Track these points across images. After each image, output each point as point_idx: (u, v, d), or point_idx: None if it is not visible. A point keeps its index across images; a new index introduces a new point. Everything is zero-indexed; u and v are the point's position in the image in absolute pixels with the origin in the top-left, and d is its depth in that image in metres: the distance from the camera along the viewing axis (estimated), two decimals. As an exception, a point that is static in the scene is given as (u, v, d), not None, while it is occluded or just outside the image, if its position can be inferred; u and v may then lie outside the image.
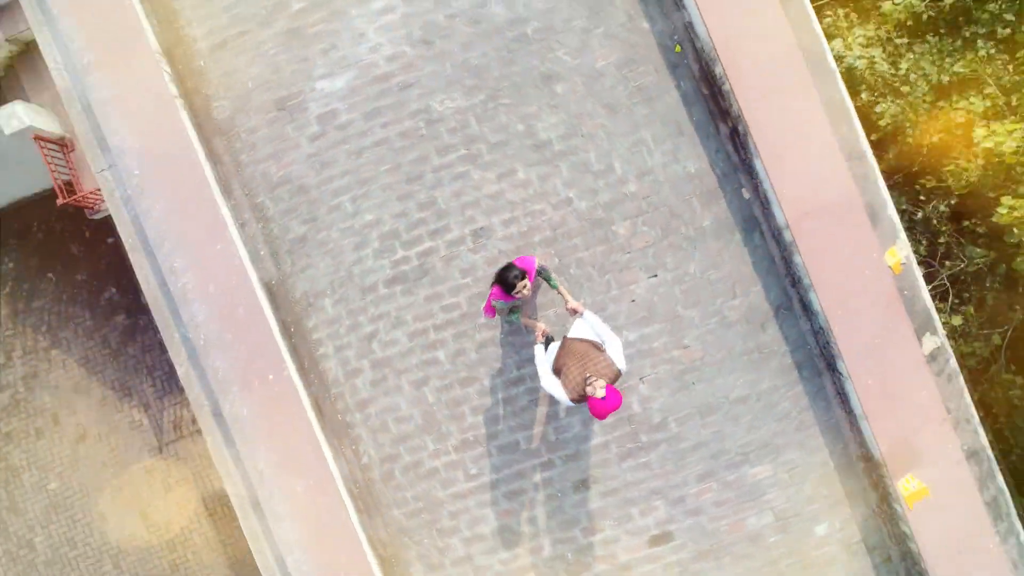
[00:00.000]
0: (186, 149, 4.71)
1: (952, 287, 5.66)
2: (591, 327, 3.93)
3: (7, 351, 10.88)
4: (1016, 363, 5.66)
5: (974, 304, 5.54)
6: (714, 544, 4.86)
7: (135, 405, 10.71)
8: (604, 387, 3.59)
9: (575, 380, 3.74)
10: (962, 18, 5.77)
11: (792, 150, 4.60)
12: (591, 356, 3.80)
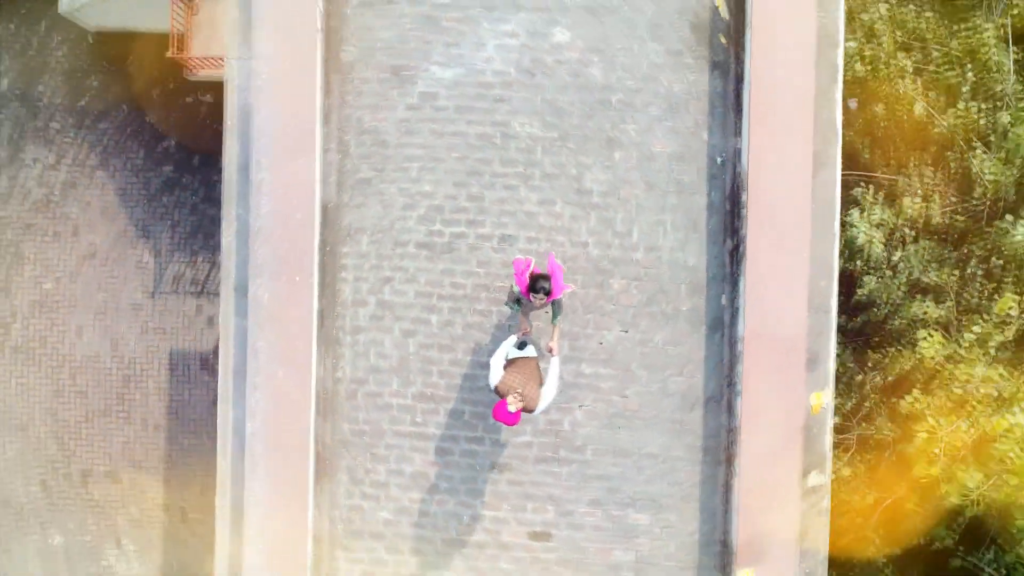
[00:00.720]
0: (309, 73, 5.60)
1: (858, 446, 6.57)
2: (549, 368, 4.85)
3: (59, 155, 11.76)
4: (883, 529, 6.56)
5: (867, 465, 6.46)
6: (580, 559, 5.77)
7: (148, 248, 11.59)
8: (516, 407, 4.48)
9: (509, 384, 4.62)
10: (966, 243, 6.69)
11: (773, 283, 5.52)
12: (531, 383, 4.70)
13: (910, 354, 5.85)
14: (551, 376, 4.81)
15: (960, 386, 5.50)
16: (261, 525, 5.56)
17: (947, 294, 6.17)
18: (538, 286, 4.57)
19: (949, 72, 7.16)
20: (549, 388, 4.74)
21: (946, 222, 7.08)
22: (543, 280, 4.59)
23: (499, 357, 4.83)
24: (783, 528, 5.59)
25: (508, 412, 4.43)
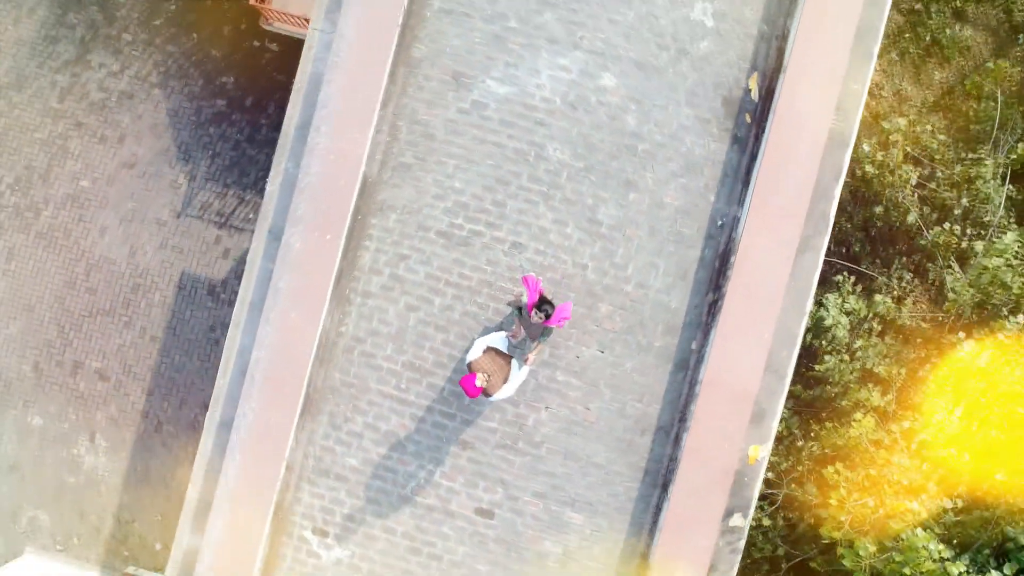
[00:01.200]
0: (381, 60, 6.25)
1: (784, 502, 7.23)
2: (517, 374, 5.64)
3: (124, 65, 12.43)
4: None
5: (787, 521, 7.12)
6: (513, 540, 6.43)
7: (184, 171, 12.25)
8: (481, 384, 5.27)
9: (481, 365, 5.43)
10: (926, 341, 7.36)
11: (740, 340, 6.18)
12: (498, 375, 5.55)
13: (844, 431, 6.51)
14: (515, 379, 5.58)
15: (877, 469, 6.17)
16: (244, 443, 6.21)
17: (892, 388, 6.83)
18: (543, 308, 5.30)
19: (946, 193, 7.83)
20: (509, 387, 5.53)
21: (912, 325, 7.75)
22: (548, 305, 5.32)
23: (484, 341, 5.53)
24: (697, 557, 6.26)
25: (473, 385, 5.20)
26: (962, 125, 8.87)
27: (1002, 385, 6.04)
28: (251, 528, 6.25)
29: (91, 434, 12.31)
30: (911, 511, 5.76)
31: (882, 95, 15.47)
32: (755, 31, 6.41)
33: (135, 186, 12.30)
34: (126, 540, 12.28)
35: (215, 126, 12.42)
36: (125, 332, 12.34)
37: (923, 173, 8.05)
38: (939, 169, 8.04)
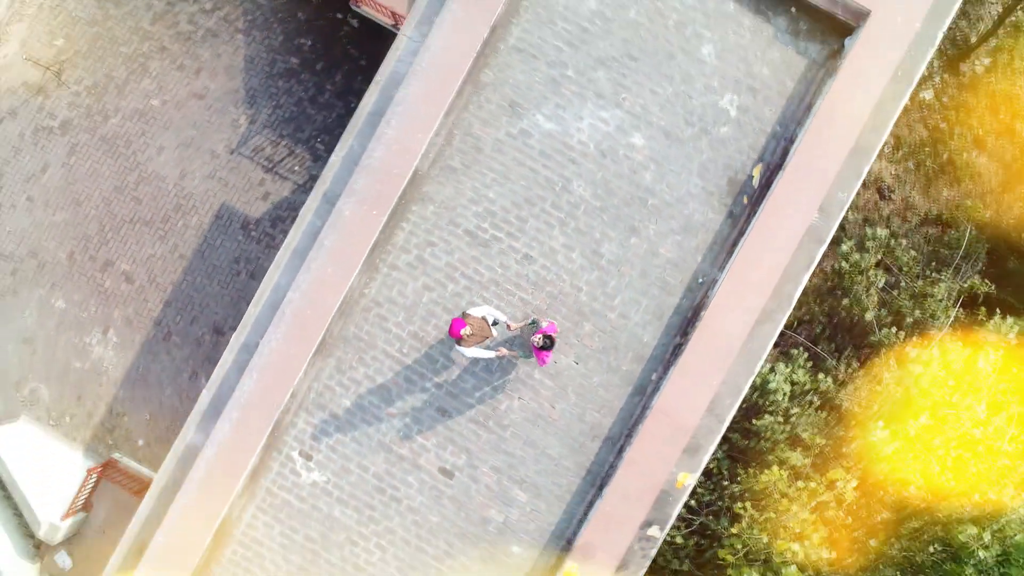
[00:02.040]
0: (454, 77, 7.33)
1: (699, 529, 8.32)
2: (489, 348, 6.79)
3: (216, 5, 13.53)
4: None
5: (697, 547, 8.21)
6: (465, 501, 7.52)
7: (248, 114, 13.34)
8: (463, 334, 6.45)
9: (475, 322, 6.64)
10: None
11: (693, 381, 7.28)
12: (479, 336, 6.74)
13: (760, 476, 7.60)
14: (482, 353, 6.72)
15: (778, 514, 7.26)
16: (262, 366, 7.29)
17: (811, 453, 7.93)
18: (546, 341, 6.51)
19: (905, 302, 8.95)
20: (475, 352, 6.68)
21: (847, 407, 8.85)
22: (550, 341, 6.59)
23: (488, 309, 6.74)
24: (612, 553, 7.35)
25: (458, 328, 6.42)
26: (936, 248, 9.99)
27: (899, 473, 7.13)
28: (250, 438, 7.33)
29: (105, 328, 13.41)
30: (793, 552, 6.85)
31: (892, 198, 16.70)
32: (769, 129, 7.52)
33: (199, 116, 13.38)
34: (113, 430, 13.37)
35: (284, 80, 13.52)
36: (158, 244, 13.44)
37: (889, 280, 9.16)
38: (904, 280, 9.15)
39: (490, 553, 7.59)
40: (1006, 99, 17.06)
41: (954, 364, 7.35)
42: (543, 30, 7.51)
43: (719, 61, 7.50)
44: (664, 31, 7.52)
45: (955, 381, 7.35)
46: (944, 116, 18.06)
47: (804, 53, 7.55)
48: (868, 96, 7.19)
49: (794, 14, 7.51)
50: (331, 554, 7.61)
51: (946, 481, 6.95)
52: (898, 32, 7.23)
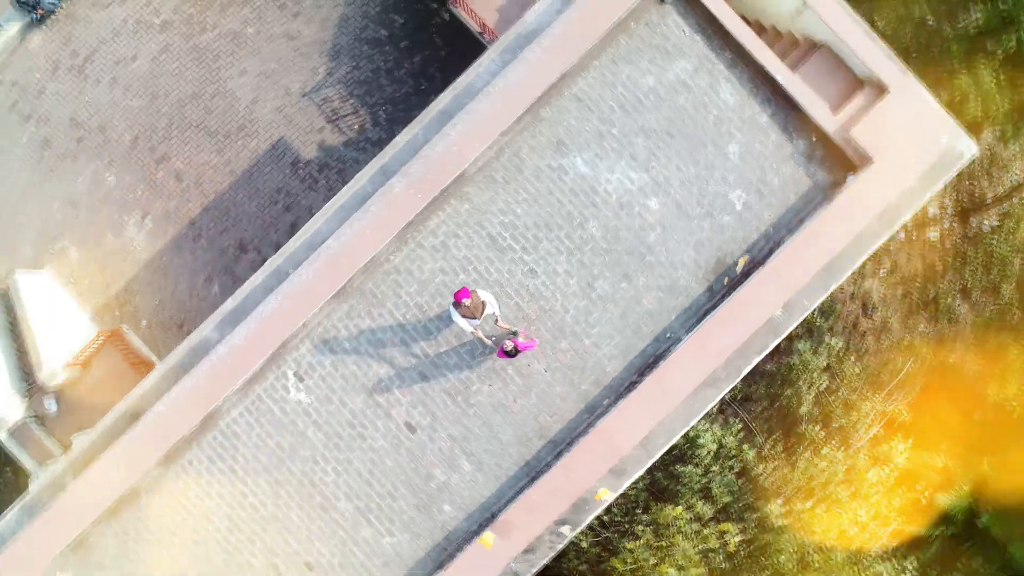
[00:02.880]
0: (519, 106, 8.53)
1: (603, 544, 9.56)
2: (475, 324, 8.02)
3: (329, -38, 14.60)
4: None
5: (596, 554, 9.45)
6: (418, 455, 8.74)
7: (327, 65, 14.52)
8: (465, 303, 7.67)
9: (477, 301, 7.82)
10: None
11: (636, 415, 8.49)
12: (476, 311, 7.88)
13: (665, 512, 8.84)
14: (465, 326, 7.96)
15: (669, 546, 8.49)
16: (287, 293, 8.49)
17: (716, 507, 9.17)
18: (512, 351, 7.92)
19: (838, 408, 10.20)
20: (460, 322, 7.88)
21: (762, 479, 10.10)
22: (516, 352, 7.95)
23: (491, 297, 7.93)
24: (525, 537, 8.58)
25: (462, 297, 7.66)
26: (880, 370, 11.26)
27: (782, 543, 8.37)
28: (258, 348, 8.53)
29: (144, 214, 14.62)
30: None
31: (873, 316, 18.02)
32: (763, 229, 8.76)
33: (285, 54, 14.58)
34: (123, 305, 14.58)
35: (369, 46, 14.73)
36: (214, 155, 14.64)
37: (831, 385, 10.40)
38: (843, 389, 10.40)
39: (425, 504, 8.82)
40: (1000, 262, 18.36)
41: (854, 470, 8.60)
42: (604, 90, 8.74)
43: (740, 161, 8.74)
44: (703, 122, 8.75)
45: (852, 485, 8.61)
46: (942, 258, 19.35)
47: (812, 176, 8.79)
48: (851, 229, 8.43)
49: (813, 142, 8.75)
50: (294, 464, 8.83)
51: (815, 563, 8.20)
52: (893, 182, 8.47)
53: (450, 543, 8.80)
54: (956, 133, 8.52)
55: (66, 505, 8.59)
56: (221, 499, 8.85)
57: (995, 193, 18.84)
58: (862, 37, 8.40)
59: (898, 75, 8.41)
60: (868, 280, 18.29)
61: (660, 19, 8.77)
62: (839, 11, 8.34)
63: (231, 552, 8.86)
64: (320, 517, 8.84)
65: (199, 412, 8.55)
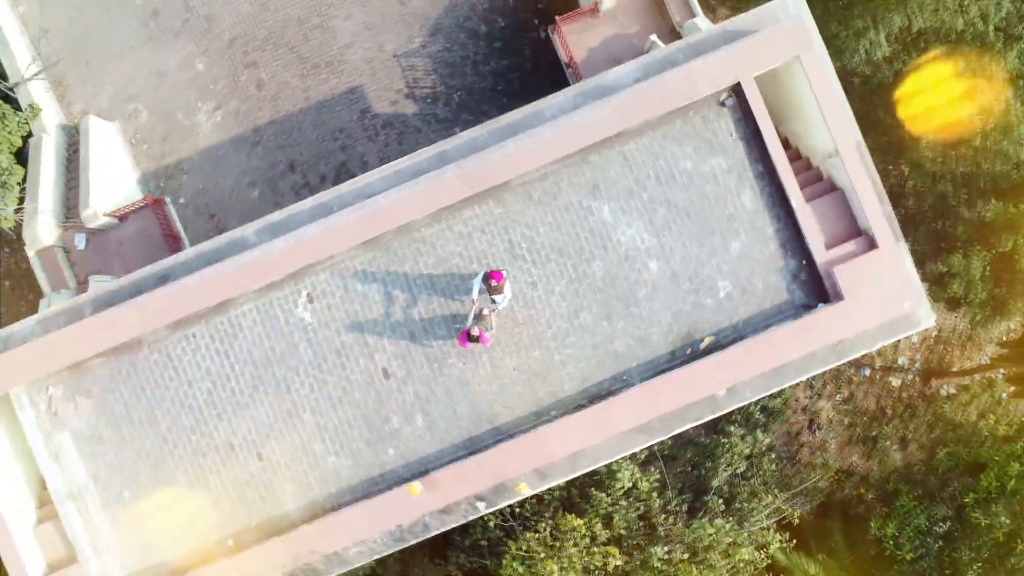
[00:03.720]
0: (578, 143, 9.78)
1: (510, 532, 10.81)
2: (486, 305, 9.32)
3: (459, -50, 15.78)
4: None
5: (498, 536, 10.71)
6: (383, 400, 9.99)
7: (423, 39, 15.70)
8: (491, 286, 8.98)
9: (501, 289, 9.01)
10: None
11: (574, 434, 9.75)
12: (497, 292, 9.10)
13: (568, 519, 10.10)
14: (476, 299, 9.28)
15: (560, 548, 9.75)
16: (321, 230, 9.70)
17: (613, 533, 10.45)
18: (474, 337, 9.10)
19: (743, 491, 11.49)
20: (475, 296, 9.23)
21: (656, 526, 11.39)
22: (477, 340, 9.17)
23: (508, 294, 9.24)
24: (446, 498, 9.79)
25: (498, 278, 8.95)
26: (794, 478, 12.56)
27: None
28: (286, 262, 9.76)
29: (218, 107, 15.86)
30: (551, 571, 9.34)
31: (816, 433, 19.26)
32: (735, 321, 10.06)
33: (391, 14, 15.83)
34: (170, 179, 15.78)
35: (466, 35, 16.01)
36: (297, 78, 15.88)
37: (746, 472, 11.69)
38: (756, 479, 11.70)
39: (374, 441, 10.08)
40: (947, 425, 19.71)
41: (735, 545, 9.89)
42: (648, 157, 10.03)
43: (737, 258, 10.04)
44: (719, 214, 10.04)
45: (729, 558, 9.91)
46: (894, 405, 20.73)
47: (791, 293, 10.09)
48: (805, 348, 9.73)
49: (803, 265, 10.05)
50: (278, 369, 10.08)
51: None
52: (852, 324, 9.76)
53: (383, 481, 10.07)
54: (920, 303, 9.83)
55: (79, 331, 9.79)
56: (207, 374, 10.09)
57: (961, 366, 20.20)
58: (872, 197, 9.70)
59: (891, 239, 9.71)
60: (824, 401, 19.62)
61: (715, 117, 10.05)
62: (860, 169, 9.64)
63: (200, 420, 10.11)
64: (284, 421, 10.10)
65: (218, 296, 9.78)
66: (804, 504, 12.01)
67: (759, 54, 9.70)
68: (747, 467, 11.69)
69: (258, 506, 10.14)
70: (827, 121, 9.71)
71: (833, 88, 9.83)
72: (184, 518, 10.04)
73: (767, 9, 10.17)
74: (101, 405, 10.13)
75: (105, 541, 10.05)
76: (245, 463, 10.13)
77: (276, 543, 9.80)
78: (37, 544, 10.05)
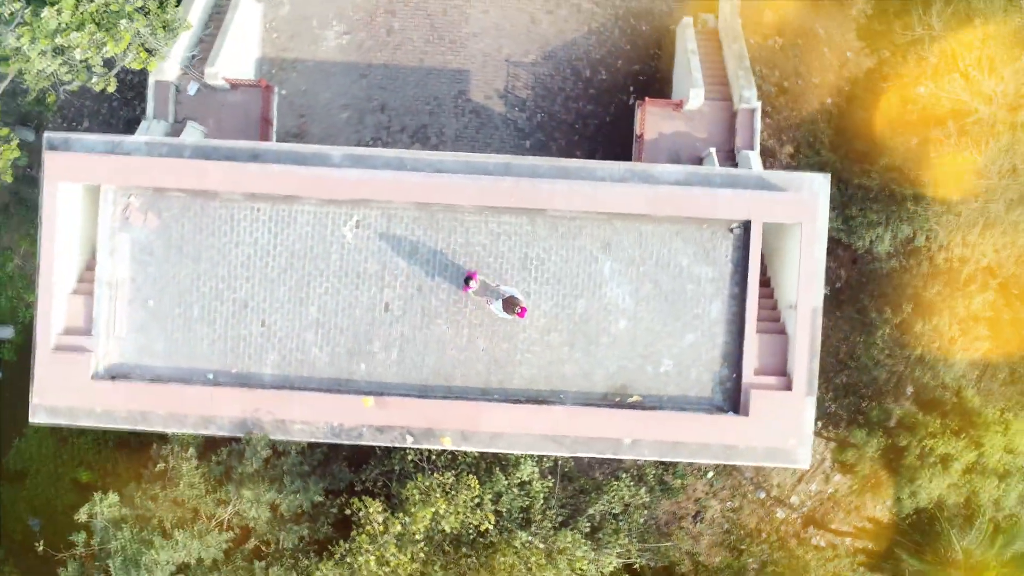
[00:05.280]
0: (612, 207, 12.02)
1: (418, 468, 13.07)
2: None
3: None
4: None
5: (407, 473, 13.00)
6: (375, 320, 12.18)
7: (535, 55, 17.80)
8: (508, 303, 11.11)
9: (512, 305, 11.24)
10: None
11: (503, 417, 11.98)
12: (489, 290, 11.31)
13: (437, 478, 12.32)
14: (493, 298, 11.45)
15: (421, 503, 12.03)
16: (398, 177, 11.88)
17: (492, 505, 12.70)
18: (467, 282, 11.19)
19: (583, 523, 13.76)
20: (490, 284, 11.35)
21: (530, 521, 13.65)
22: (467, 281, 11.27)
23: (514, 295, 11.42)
24: (387, 419, 11.99)
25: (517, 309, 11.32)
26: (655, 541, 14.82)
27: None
28: (352, 189, 11.92)
29: (347, 32, 18.02)
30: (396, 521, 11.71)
31: (698, 524, 21.44)
32: (662, 393, 12.29)
33: (519, 26, 18.03)
34: (280, 72, 17.92)
35: (571, 72, 18.19)
36: (421, 40, 18.07)
37: (619, 515, 13.96)
38: (623, 523, 13.98)
39: (353, 352, 12.27)
40: (801, 570, 21.98)
41: (579, 563, 12.19)
42: (657, 241, 12.25)
43: (687, 348, 12.29)
44: (689, 310, 12.28)
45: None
46: (770, 533, 23.06)
47: (713, 393, 12.34)
48: (702, 439, 11.97)
49: (731, 377, 12.30)
50: (308, 265, 12.24)
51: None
52: (747, 436, 12.00)
53: (346, 386, 12.27)
54: (803, 446, 12.10)
55: (175, 166, 11.94)
56: (254, 243, 12.27)
57: (838, 527, 22.53)
58: (806, 354, 11.96)
59: (804, 390, 11.97)
60: (716, 502, 21.90)
61: (720, 237, 12.30)
62: (807, 329, 11.89)
63: (231, 274, 12.28)
64: (293, 305, 12.29)
65: (291, 190, 11.94)
66: (651, 559, 14.27)
67: (774, 208, 11.95)
68: (621, 511, 13.91)
69: (244, 360, 12.34)
70: (800, 281, 11.96)
71: (817, 258, 12.09)
72: (184, 341, 12.23)
73: (801, 176, 12.40)
74: (164, 228, 12.29)
75: (117, 330, 12.23)
76: (250, 323, 12.32)
77: (244, 392, 12.00)
78: (66, 307, 12.20)
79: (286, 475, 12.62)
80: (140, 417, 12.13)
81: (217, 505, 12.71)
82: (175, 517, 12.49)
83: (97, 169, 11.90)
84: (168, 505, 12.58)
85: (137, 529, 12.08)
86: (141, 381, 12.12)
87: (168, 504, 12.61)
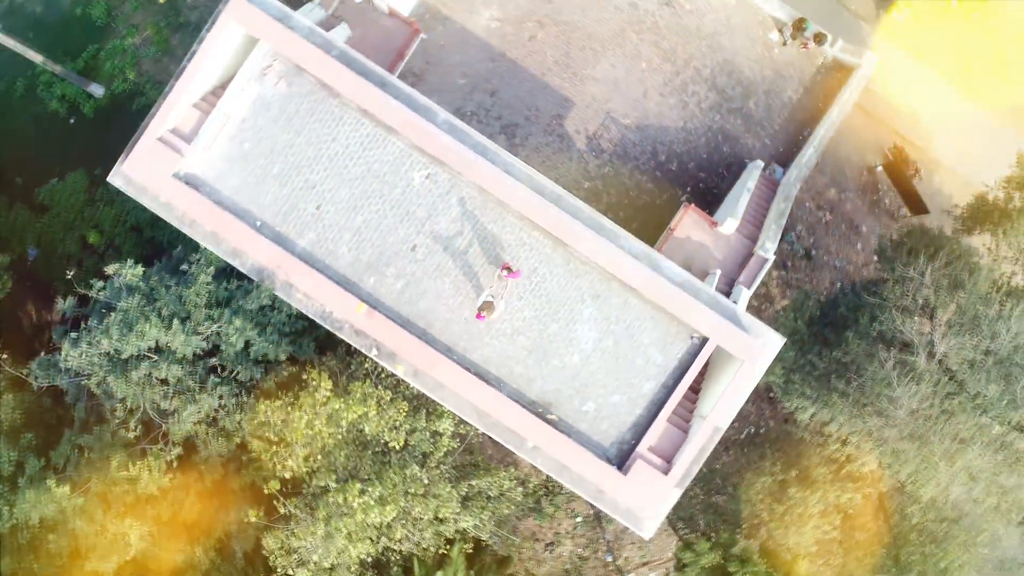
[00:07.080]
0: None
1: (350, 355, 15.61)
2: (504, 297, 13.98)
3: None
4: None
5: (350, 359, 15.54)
6: (397, 256, 14.69)
7: (675, 107, 20.34)
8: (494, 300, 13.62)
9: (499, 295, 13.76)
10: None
11: (458, 385, 14.52)
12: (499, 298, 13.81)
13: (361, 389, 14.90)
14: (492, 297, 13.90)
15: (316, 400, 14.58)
16: (479, 159, 14.39)
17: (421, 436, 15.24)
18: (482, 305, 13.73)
19: (449, 467, 16.33)
20: (496, 283, 13.84)
21: (425, 462, 16.21)
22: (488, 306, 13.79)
23: (505, 293, 13.92)
24: (369, 328, 14.54)
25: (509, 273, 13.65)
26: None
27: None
28: (438, 149, 14.41)
29: (500, 21, 20.43)
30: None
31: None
32: (575, 424, 14.84)
33: (631, 95, 20.51)
34: (437, 22, 20.30)
35: (660, 149, 20.63)
36: (552, 59, 20.54)
37: (495, 512, 16.54)
38: (500, 523, 16.57)
39: (369, 268, 14.76)
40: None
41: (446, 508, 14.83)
42: (634, 313, 14.80)
43: (611, 403, 14.84)
44: (629, 376, 14.82)
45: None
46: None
47: (611, 445, 14.91)
48: (585, 475, 14.52)
49: (630, 442, 14.86)
50: (375, 184, 14.71)
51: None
52: (616, 489, 14.55)
53: (351, 287, 14.76)
54: (652, 521, 14.67)
55: (318, 56, 14.37)
56: (344, 148, 14.73)
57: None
58: (691, 457, 14.50)
59: (675, 481, 14.52)
60: (570, 542, 24.42)
61: (681, 338, 14.85)
62: (701, 441, 14.45)
63: (312, 159, 14.74)
64: (347, 207, 14.77)
65: (395, 126, 14.42)
66: (498, 544, 16.90)
67: (731, 340, 14.51)
68: (496, 496, 16.51)
69: (289, 225, 14.83)
70: (719, 403, 14.53)
71: (740, 393, 14.65)
72: (254, 186, 14.70)
73: (765, 329, 14.94)
74: (288, 96, 14.76)
75: (211, 151, 14.69)
76: (308, 202, 14.82)
77: (277, 248, 14.50)
78: (184, 113, 14.66)
79: (270, 326, 15.12)
80: (189, 222, 14.60)
81: (205, 319, 15.18)
82: (170, 307, 14.96)
83: (266, 28, 14.35)
84: (169, 295, 15.04)
85: (144, 303, 14.57)
86: (207, 197, 14.60)
87: (171, 295, 15.08)
